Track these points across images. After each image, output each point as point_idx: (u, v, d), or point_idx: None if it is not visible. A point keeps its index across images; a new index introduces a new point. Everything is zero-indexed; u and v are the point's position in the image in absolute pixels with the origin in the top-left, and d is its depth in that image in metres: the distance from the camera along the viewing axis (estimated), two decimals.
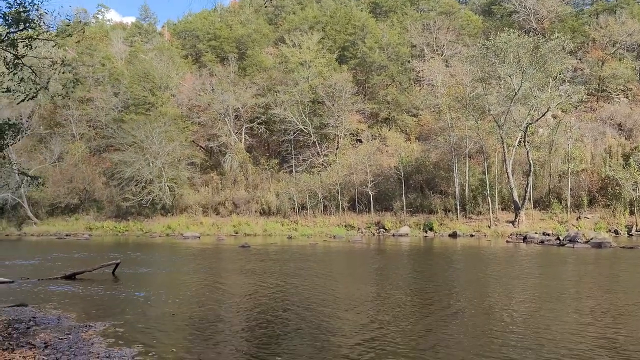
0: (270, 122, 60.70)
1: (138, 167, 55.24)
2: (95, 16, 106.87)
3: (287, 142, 60.07)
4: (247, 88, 61.47)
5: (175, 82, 67.54)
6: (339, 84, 56.84)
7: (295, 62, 61.40)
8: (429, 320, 11.62)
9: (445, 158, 49.59)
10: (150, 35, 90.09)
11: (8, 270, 21.27)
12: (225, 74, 64.64)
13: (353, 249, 33.34)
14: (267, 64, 67.92)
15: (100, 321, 11.35)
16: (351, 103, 58.18)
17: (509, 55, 41.23)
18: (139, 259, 27.03)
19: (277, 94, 58.66)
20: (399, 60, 63.61)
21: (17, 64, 13.14)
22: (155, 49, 75.42)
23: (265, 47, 74.19)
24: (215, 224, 52.91)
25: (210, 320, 11.75)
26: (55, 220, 60.62)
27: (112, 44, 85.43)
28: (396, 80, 62.21)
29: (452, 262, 25.13)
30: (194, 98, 63.39)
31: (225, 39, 76.81)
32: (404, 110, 59.58)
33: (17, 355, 8.31)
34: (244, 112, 61.59)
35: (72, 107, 68.69)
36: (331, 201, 51.87)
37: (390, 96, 60.06)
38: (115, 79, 71.38)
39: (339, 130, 57.62)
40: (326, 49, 64.85)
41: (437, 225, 44.76)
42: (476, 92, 44.26)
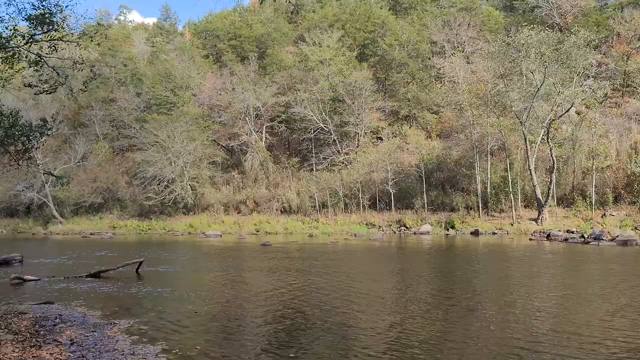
0: (291, 120, 60.84)
1: (160, 166, 55.81)
2: (118, 17, 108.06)
3: (308, 140, 60.11)
4: (267, 87, 61.65)
5: (196, 82, 68.06)
6: (359, 81, 56.71)
7: (315, 61, 61.40)
8: (451, 318, 11.55)
9: (467, 155, 49.18)
10: (171, 35, 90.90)
11: (35, 269, 21.67)
12: (245, 73, 64.92)
13: (374, 247, 33.26)
14: (287, 62, 68.02)
15: (125, 319, 11.51)
16: (371, 101, 58.02)
17: (531, 51, 40.70)
18: (161, 257, 27.31)
19: (298, 93, 58.74)
20: (419, 58, 63.21)
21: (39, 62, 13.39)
22: (176, 49, 76.12)
23: (285, 46, 74.29)
24: (237, 223, 53.20)
25: (233, 318, 11.84)
26: (80, 219, 61.54)
27: (134, 45, 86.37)
28: (416, 78, 61.84)
29: (474, 260, 24.92)
30: (215, 97, 63.78)
31: (245, 38, 77.20)
32: (425, 107, 59.20)
33: (44, 352, 8.47)
34: (265, 111, 61.78)
35: (96, 107, 69.75)
36: (352, 199, 51.82)
37: (410, 93, 59.72)
38: (138, 79, 72.21)
39: (359, 128, 57.49)
40: (346, 46, 64.73)
41: (459, 223, 44.41)
42: (498, 88, 43.77)
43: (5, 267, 22.96)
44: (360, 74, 58.30)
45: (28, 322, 10.82)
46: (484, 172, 46.74)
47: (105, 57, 75.55)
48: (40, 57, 13.11)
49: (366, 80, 57.32)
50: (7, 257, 24.69)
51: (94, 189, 62.30)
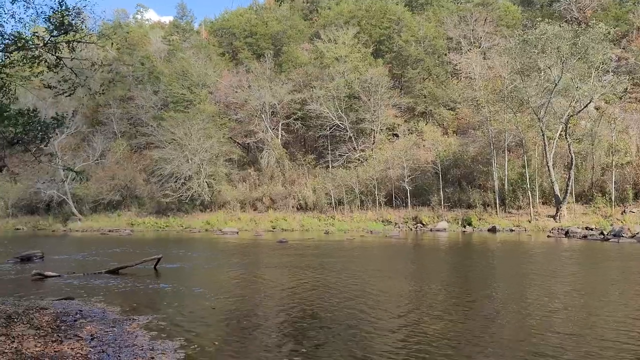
0: (307, 117, 60.91)
1: (177, 163, 56.26)
2: (135, 16, 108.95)
3: (324, 137, 60.15)
4: (283, 84, 61.77)
5: (212, 80, 68.44)
6: (375, 78, 56.58)
7: (331, 58, 61.38)
8: (467, 316, 11.53)
9: (484, 152, 48.86)
10: (187, 33, 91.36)
11: (55, 265, 22.00)
12: (261, 71, 65.10)
13: (390, 244, 33.22)
14: (302, 59, 68.07)
15: (143, 314, 11.66)
16: (387, 97, 57.85)
17: (548, 46, 40.26)
18: (179, 254, 27.56)
19: (313, 90, 58.78)
20: (436, 54, 62.86)
21: (58, 64, 13.56)
22: (192, 47, 76.56)
23: (301, 43, 74.35)
24: (253, 220, 53.45)
25: (250, 314, 11.93)
26: (99, 216, 62.29)
27: (151, 43, 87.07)
28: (433, 74, 61.53)
29: (491, 258, 24.79)
30: (231, 95, 64.05)
31: (261, 36, 77.42)
32: (441, 103, 58.89)
33: (66, 347, 8.62)
34: (281, 108, 61.91)
35: (114, 105, 70.49)
36: (368, 196, 51.76)
37: (426, 90, 59.45)
38: (155, 77, 72.82)
39: (375, 125, 57.37)
40: (362, 43, 64.59)
41: (476, 220, 44.15)
42: (515, 84, 43.37)
43: (26, 263, 23.35)
44: (376, 70, 58.17)
45: (49, 317, 11.00)
46: (501, 168, 46.39)
47: (123, 55, 76.26)
48: (59, 58, 13.28)
49: (382, 77, 57.16)
50: (29, 253, 25.09)
51: (112, 187, 63.00)
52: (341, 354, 8.65)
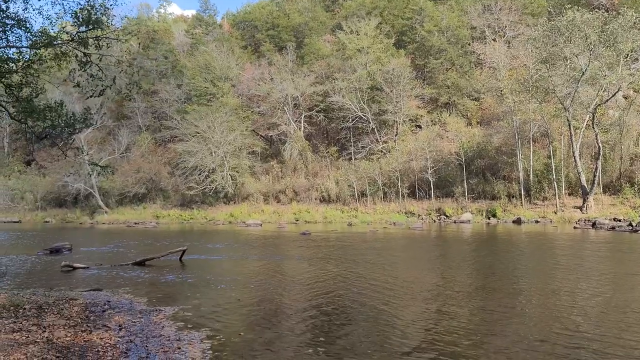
0: (329, 109, 60.87)
1: (201, 156, 56.72)
2: (158, 10, 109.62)
3: (346, 129, 60.10)
4: (305, 76, 61.78)
5: (235, 73, 68.73)
6: (397, 69, 56.23)
7: (353, 49, 61.14)
8: (491, 308, 11.46)
9: (508, 142, 48.27)
10: (210, 27, 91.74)
11: (83, 257, 22.43)
12: (283, 63, 65.17)
13: (413, 235, 33.11)
14: (324, 51, 67.95)
15: (170, 305, 11.84)
16: (410, 88, 57.48)
17: (575, 34, 39.51)
18: (204, 246, 27.85)
19: (335, 82, 58.68)
20: (459, 44, 62.14)
21: (87, 62, 13.78)
22: (215, 41, 76.91)
23: (323, 35, 74.18)
24: (276, 212, 53.70)
25: (274, 306, 12.04)
26: (124, 209, 63.19)
27: (174, 37, 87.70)
28: (456, 64, 60.87)
29: (516, 249, 24.54)
30: (254, 88, 64.27)
31: (283, 28, 77.43)
32: (465, 94, 58.28)
33: (95, 336, 8.81)
34: (303, 100, 61.95)
35: (138, 99, 71.34)
36: (391, 188, 51.61)
37: (450, 80, 58.87)
38: (178, 71, 73.44)
39: (398, 117, 57.07)
40: (384, 34, 64.16)
41: (501, 211, 43.71)
42: (540, 73, 42.68)
43: (55, 255, 23.85)
44: (398, 61, 57.81)
45: (79, 308, 11.24)
46: (526, 159, 45.82)
47: (147, 50, 76.99)
48: (86, 54, 13.50)
49: (404, 68, 56.80)
50: (58, 245, 25.61)
51: (138, 180, 63.83)
52: (365, 345, 8.70)
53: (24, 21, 12.91)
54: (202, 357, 7.87)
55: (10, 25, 12.66)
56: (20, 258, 22.82)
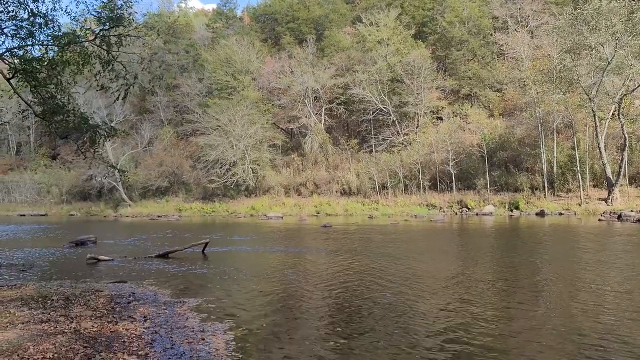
0: (350, 102, 60.77)
1: (222, 150, 57.11)
2: (179, 5, 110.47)
3: (367, 121, 59.95)
4: (325, 69, 61.73)
5: (255, 66, 68.93)
6: (418, 60, 55.86)
7: (373, 41, 60.84)
8: (514, 303, 11.39)
9: (531, 134, 47.70)
10: (230, 20, 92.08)
11: (108, 249, 22.80)
12: (303, 56, 65.15)
13: (435, 228, 32.97)
14: (344, 44, 67.75)
15: (193, 297, 12.00)
16: (431, 80, 57.07)
17: (600, 23, 38.77)
18: (225, 238, 28.09)
19: (356, 74, 58.53)
20: (481, 34, 61.42)
21: (110, 61, 13.97)
22: (235, 34, 77.18)
23: (343, 27, 73.95)
24: (297, 205, 53.89)
25: (296, 298, 12.13)
26: (147, 202, 64.00)
27: (195, 31, 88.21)
28: (478, 55, 60.22)
29: (540, 242, 24.30)
30: (274, 81, 64.41)
31: (303, 21, 77.34)
32: (487, 85, 57.65)
33: (120, 327, 8.98)
34: (323, 93, 61.92)
35: (160, 94, 71.97)
36: (412, 180, 51.41)
37: (471, 71, 58.28)
38: (200, 65, 73.88)
39: (418, 109, 56.74)
40: (404, 25, 63.72)
41: (523, 203, 43.27)
42: (564, 63, 42.00)
43: (81, 247, 24.28)
44: (419, 52, 57.42)
45: (104, 299, 11.46)
46: (550, 150, 45.23)
47: (168, 44, 77.56)
48: (109, 52, 13.68)
49: (425, 59, 56.41)
50: (83, 238, 26.07)
51: (160, 173, 64.56)
52: (386, 338, 8.73)
53: (51, 20, 13.13)
54: (226, 348, 7.98)
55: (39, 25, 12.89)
56: (47, 250, 23.29)
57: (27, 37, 13.11)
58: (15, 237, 32.15)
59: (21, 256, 21.13)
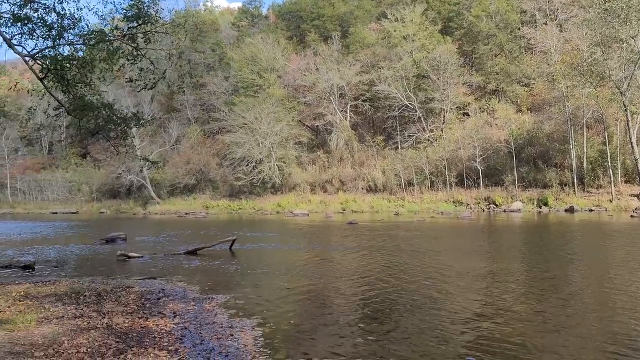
0: (375, 98, 60.59)
1: (248, 147, 57.49)
2: (205, 4, 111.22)
3: (392, 118, 59.69)
4: (350, 66, 61.64)
5: (281, 64, 69.18)
6: (444, 56, 55.37)
7: (399, 37, 60.53)
8: (544, 301, 11.25)
9: (560, 129, 46.93)
10: (256, 19, 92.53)
11: (137, 246, 23.16)
12: (329, 53, 65.15)
13: (462, 225, 32.70)
14: (370, 40, 67.54)
15: (221, 293, 12.13)
16: (457, 75, 56.54)
17: (631, 15, 37.91)
18: (252, 235, 28.28)
19: (381, 70, 58.31)
20: (508, 28, 60.58)
21: (137, 56, 14.19)
22: (261, 32, 77.55)
23: (368, 23, 73.70)
24: (323, 202, 53.96)
25: (323, 295, 12.17)
26: (175, 199, 64.80)
27: (220, 30, 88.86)
28: (505, 49, 59.42)
29: (569, 239, 23.91)
30: (300, 78, 64.56)
31: (328, 18, 77.33)
32: (514, 80, 56.90)
33: (151, 323, 9.14)
34: (349, 90, 61.85)
35: (187, 92, 72.80)
36: (438, 177, 51.07)
37: (498, 66, 57.56)
38: (225, 63, 74.45)
39: (444, 104, 56.29)
40: (430, 21, 63.23)
41: (552, 199, 42.64)
42: (594, 57, 41.18)
43: (111, 244, 24.72)
44: (445, 47, 56.91)
45: (135, 295, 11.67)
46: (579, 146, 44.45)
47: (195, 43, 78.33)
48: (137, 49, 13.90)
49: (451, 55, 55.89)
50: (113, 235, 26.53)
51: (188, 171, 65.31)
52: (415, 336, 8.72)
53: (79, 20, 13.40)
54: (254, 343, 8.07)
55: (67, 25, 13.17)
56: (79, 247, 23.78)
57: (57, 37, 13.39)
58: (48, 235, 32.89)
59: (54, 253, 21.61)
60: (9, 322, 8.45)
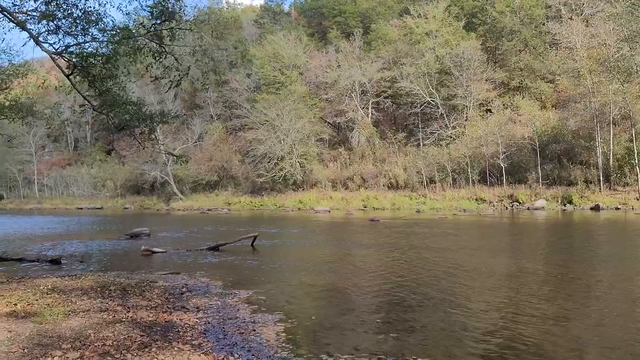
0: (397, 95, 60.33)
1: (270, 144, 57.71)
2: (227, 1, 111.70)
3: (414, 115, 59.38)
4: (372, 62, 61.45)
5: (302, 61, 69.25)
6: (467, 52, 54.87)
7: (421, 33, 60.13)
8: (568, 300, 11.12)
9: (586, 126, 46.17)
10: (278, 16, 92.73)
11: (161, 242, 23.45)
12: (350, 50, 65.05)
13: (484, 222, 32.42)
14: (392, 36, 67.20)
15: (244, 289, 12.22)
16: (480, 72, 55.97)
17: None
18: (274, 232, 28.41)
19: (403, 67, 58.02)
20: (533, 24, 59.71)
21: (162, 53, 14.34)
22: (283, 30, 77.71)
23: (390, 20, 73.35)
24: (344, 199, 53.92)
25: (345, 291, 12.19)
26: (198, 196, 65.36)
27: (243, 27, 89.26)
28: (530, 45, 58.61)
29: (595, 238, 23.55)
30: (321, 75, 64.56)
31: (350, 14, 77.20)
32: (539, 76, 56.14)
33: (174, 317, 9.26)
34: (370, 86, 61.68)
35: (210, 89, 73.30)
36: (460, 174, 50.67)
37: (522, 62, 56.84)
38: (248, 60, 74.73)
39: (467, 101, 55.80)
40: (453, 16, 62.67)
41: (577, 197, 41.99)
42: (621, 53, 40.41)
43: (136, 239, 25.06)
44: (468, 44, 56.35)
45: (158, 290, 11.81)
46: (606, 143, 43.70)
47: (217, 40, 78.82)
48: (161, 46, 14.05)
49: (474, 51, 55.34)
50: (137, 231, 26.87)
51: (210, 167, 65.84)
52: (436, 332, 8.70)
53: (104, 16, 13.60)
54: (277, 339, 8.12)
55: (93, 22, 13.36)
56: (104, 242, 24.14)
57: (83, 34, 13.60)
58: (74, 230, 33.47)
59: (80, 248, 21.98)
60: (38, 315, 8.64)
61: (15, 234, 29.91)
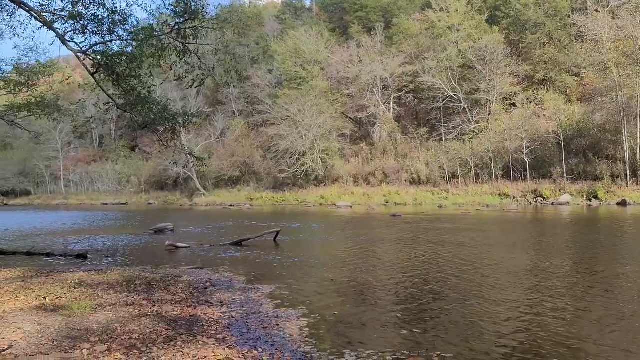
0: (419, 90, 59.97)
1: (292, 140, 57.87)
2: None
3: (436, 109, 59.02)
4: (394, 57, 61.17)
5: (324, 56, 69.22)
6: (490, 46, 54.27)
7: (443, 27, 59.62)
8: (592, 298, 10.99)
9: (613, 120, 45.36)
10: (299, 11, 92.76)
11: (184, 237, 23.73)
12: (372, 44, 64.81)
13: (508, 218, 32.11)
14: (413, 31, 66.81)
15: (266, 284, 12.32)
16: (504, 66, 55.33)
17: None
18: (296, 227, 28.53)
19: (425, 61, 57.63)
20: (557, 16, 58.76)
21: (186, 52, 14.48)
22: (304, 25, 77.72)
23: (412, 14, 72.89)
24: (366, 194, 53.85)
25: (367, 287, 12.22)
26: (220, 191, 65.91)
27: (264, 23, 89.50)
28: (554, 38, 57.71)
29: (622, 233, 23.14)
30: (343, 70, 64.46)
31: (371, 9, 76.91)
32: (564, 69, 55.26)
33: (198, 311, 9.39)
34: (392, 81, 61.40)
35: (232, 85, 73.68)
36: (483, 169, 50.22)
37: (547, 55, 56.01)
38: (269, 56, 74.97)
39: (490, 95, 55.21)
40: (475, 10, 62.00)
41: (603, 192, 41.31)
42: None
43: (160, 235, 25.39)
44: (491, 37, 55.72)
45: (183, 285, 11.97)
46: (633, 137, 42.91)
47: (239, 37, 79.20)
48: (184, 44, 14.19)
49: (498, 44, 54.72)
50: (161, 226, 27.24)
51: (232, 163, 66.31)
52: (460, 329, 8.68)
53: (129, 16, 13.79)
54: (300, 333, 8.20)
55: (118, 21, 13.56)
56: (129, 237, 24.51)
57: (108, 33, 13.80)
58: (99, 225, 34.04)
59: (106, 243, 22.36)
60: (66, 309, 8.83)
61: (42, 229, 30.52)
